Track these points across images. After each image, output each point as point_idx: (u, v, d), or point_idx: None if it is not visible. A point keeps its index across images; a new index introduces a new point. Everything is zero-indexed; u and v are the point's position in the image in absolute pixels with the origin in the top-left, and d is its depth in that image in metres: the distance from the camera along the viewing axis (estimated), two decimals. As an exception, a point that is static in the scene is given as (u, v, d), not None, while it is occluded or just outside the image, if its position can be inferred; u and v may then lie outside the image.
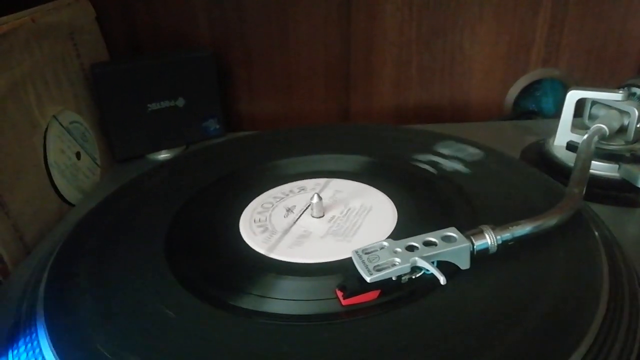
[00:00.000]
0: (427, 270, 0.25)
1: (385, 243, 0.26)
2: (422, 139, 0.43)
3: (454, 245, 0.25)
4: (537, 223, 0.27)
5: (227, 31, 0.56)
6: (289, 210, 0.34)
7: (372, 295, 0.25)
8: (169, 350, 0.23)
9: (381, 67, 0.58)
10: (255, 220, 0.34)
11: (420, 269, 0.25)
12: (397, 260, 0.25)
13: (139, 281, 0.28)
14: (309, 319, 0.25)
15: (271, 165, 0.41)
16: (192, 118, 0.52)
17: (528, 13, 0.55)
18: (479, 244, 0.26)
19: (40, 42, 0.42)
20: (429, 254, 0.25)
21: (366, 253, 0.26)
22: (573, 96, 0.42)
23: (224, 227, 0.33)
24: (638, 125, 0.40)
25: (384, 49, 0.57)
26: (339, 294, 0.25)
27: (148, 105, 0.50)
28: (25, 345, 0.25)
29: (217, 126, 0.54)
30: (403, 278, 0.25)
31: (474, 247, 0.26)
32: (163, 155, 0.52)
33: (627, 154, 0.40)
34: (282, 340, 0.23)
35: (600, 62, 0.57)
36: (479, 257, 0.26)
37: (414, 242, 0.26)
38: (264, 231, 0.32)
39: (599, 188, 0.38)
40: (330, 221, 0.33)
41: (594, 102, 0.43)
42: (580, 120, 0.44)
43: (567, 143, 0.42)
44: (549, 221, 0.27)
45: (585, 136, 0.38)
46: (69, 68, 0.46)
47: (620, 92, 0.40)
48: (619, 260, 0.28)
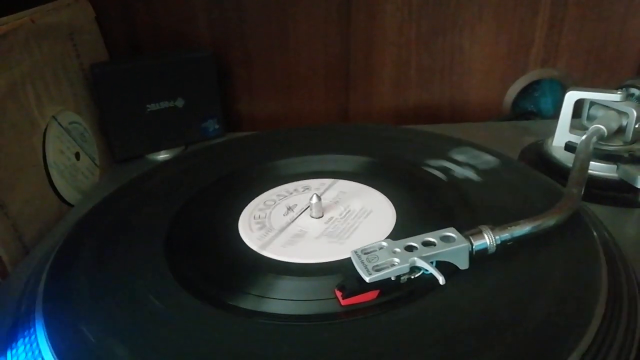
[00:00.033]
0: (426, 270, 0.25)
1: (384, 243, 0.26)
2: (421, 139, 0.44)
3: (452, 246, 0.26)
4: (535, 223, 0.27)
5: (227, 31, 0.56)
6: (290, 209, 0.34)
7: (371, 295, 0.25)
8: (169, 350, 0.23)
9: (381, 67, 0.58)
10: (255, 217, 0.34)
11: (419, 269, 0.25)
12: (396, 260, 0.25)
13: (139, 281, 0.28)
14: (309, 319, 0.25)
15: (271, 165, 0.41)
16: (192, 118, 0.52)
17: (527, 13, 0.55)
18: (477, 244, 0.26)
19: (40, 42, 0.42)
20: (428, 254, 0.25)
21: (365, 253, 0.26)
22: (572, 97, 0.42)
23: (223, 227, 0.33)
24: (636, 126, 0.40)
25: (383, 49, 0.57)
26: (338, 294, 0.25)
27: (147, 106, 0.50)
28: (24, 346, 0.25)
29: (217, 126, 0.54)
30: (402, 278, 0.25)
31: (473, 247, 0.26)
32: (162, 156, 0.52)
33: (626, 155, 0.40)
34: (282, 340, 0.23)
35: (600, 62, 0.57)
36: (477, 257, 0.26)
37: (413, 242, 0.26)
38: (261, 228, 0.32)
39: (598, 188, 0.38)
40: (327, 222, 0.33)
41: (593, 103, 0.43)
42: (578, 120, 0.44)
43: (566, 143, 0.42)
44: (547, 221, 0.28)
45: (584, 137, 0.38)
46: (68, 68, 0.46)
47: (619, 92, 0.40)
48: (618, 261, 0.28)
